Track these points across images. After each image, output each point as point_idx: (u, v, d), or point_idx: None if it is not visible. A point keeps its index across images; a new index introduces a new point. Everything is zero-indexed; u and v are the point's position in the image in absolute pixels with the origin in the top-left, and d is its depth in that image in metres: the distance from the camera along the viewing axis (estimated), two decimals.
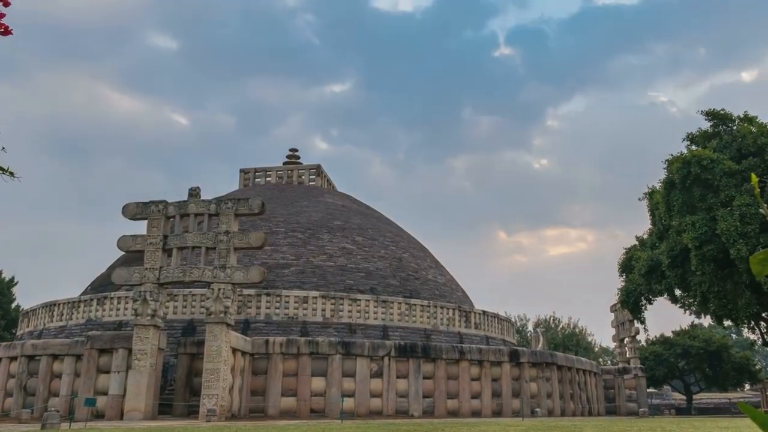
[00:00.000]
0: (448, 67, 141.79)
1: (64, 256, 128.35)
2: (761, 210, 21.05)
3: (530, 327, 69.98)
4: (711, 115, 26.02)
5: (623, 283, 30.07)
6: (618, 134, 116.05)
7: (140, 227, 21.59)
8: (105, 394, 20.36)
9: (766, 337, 29.02)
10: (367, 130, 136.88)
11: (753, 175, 1.79)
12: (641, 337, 42.44)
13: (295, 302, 28.07)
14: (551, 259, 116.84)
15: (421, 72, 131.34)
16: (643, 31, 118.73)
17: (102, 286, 32.11)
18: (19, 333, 34.61)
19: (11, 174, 2.42)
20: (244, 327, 26.60)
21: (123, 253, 25.46)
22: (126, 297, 27.68)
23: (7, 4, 2.30)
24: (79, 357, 21.59)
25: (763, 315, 27.13)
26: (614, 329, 38.81)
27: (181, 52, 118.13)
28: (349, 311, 28.73)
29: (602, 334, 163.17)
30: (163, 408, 21.22)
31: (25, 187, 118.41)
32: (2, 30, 2.29)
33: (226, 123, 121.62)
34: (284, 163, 43.91)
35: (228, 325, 19.90)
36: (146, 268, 20.66)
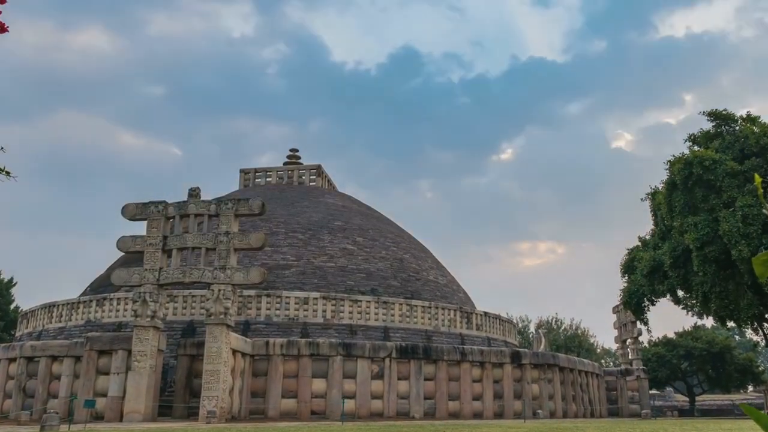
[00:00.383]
0: (404, 109, 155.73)
1: (63, 256, 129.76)
2: (764, 211, 20.93)
3: (532, 328, 69.83)
4: (713, 115, 25.91)
5: (625, 284, 29.91)
6: (564, 161, 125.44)
7: (140, 228, 21.54)
8: (104, 395, 20.28)
9: None
10: (341, 158, 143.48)
11: (756, 176, 1.78)
12: (644, 339, 42.31)
13: (295, 303, 27.97)
14: (526, 269, 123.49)
15: (379, 114, 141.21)
16: (570, 80, 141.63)
17: (101, 287, 32.03)
18: (18, 334, 34.55)
19: (7, 173, 2.42)
20: (245, 328, 26.51)
21: (122, 254, 25.39)
22: (125, 298, 27.59)
23: (3, 2, 2.35)
24: (78, 358, 21.51)
25: (766, 316, 26.97)
26: (616, 330, 38.66)
27: (168, 96, 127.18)
28: (350, 312, 28.63)
29: (604, 335, 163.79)
30: (163, 410, 21.12)
31: (26, 202, 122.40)
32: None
33: (212, 151, 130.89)
34: (284, 164, 43.80)
35: (228, 326, 19.81)
36: (146, 269, 20.58)
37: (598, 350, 73.51)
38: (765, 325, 28.58)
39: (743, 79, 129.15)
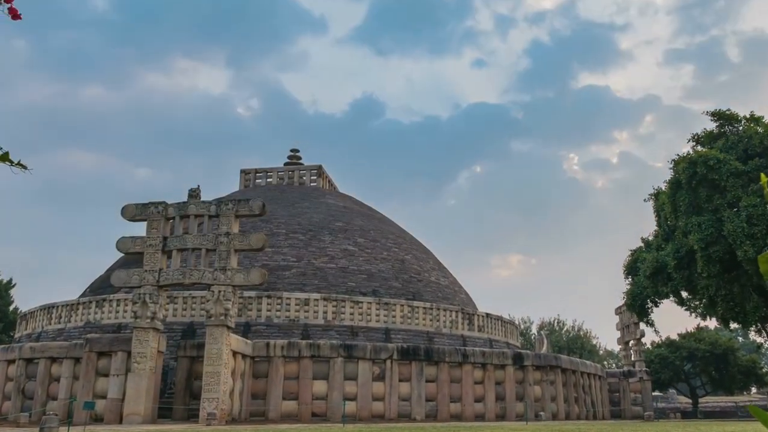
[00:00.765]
0: (367, 146, 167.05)
1: (63, 257, 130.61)
2: None
3: (534, 330, 69.63)
4: (717, 115, 25.73)
5: (628, 286, 29.73)
6: (520, 185, 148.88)
7: (140, 229, 21.41)
8: (104, 397, 20.15)
9: None
10: None
11: (762, 176, 1.75)
12: (647, 340, 42.09)
13: (296, 305, 27.82)
14: (502, 279, 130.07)
15: (344, 150, 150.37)
16: (512, 122, 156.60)
17: (101, 288, 31.90)
18: (17, 336, 34.42)
19: (23, 167, 2.45)
20: (245, 329, 26.37)
21: (122, 254, 25.26)
22: (125, 299, 27.45)
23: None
24: (77, 360, 21.38)
25: None
26: (619, 332, 38.47)
27: (151, 132, 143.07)
28: (351, 314, 28.47)
29: (607, 336, 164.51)
30: (163, 411, 21.00)
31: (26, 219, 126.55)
32: (12, 14, 2.45)
33: (197, 177, 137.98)
34: (285, 164, 43.65)
35: (228, 327, 19.68)
36: (146, 270, 20.45)
37: (601, 352, 73.26)
38: None
39: (663, 121, 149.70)
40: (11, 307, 49.02)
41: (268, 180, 42.21)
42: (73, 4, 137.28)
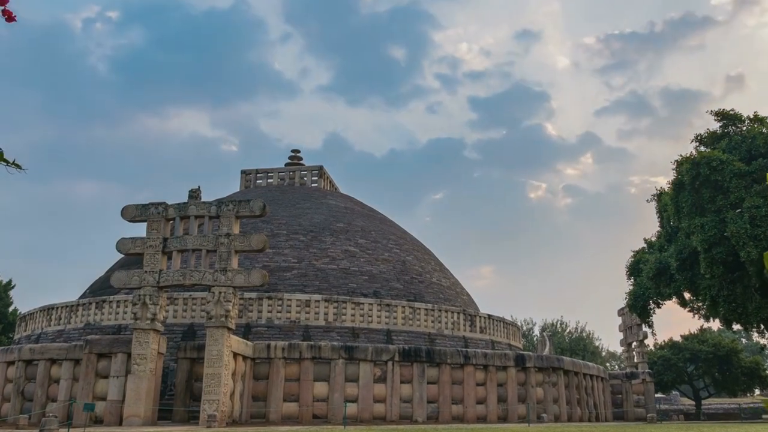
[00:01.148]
0: (339, 177, 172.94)
1: (62, 258, 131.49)
2: None
3: (537, 331, 69.47)
4: (720, 115, 25.60)
5: (631, 287, 29.60)
6: (486, 208, 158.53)
7: (140, 230, 21.33)
8: (104, 399, 20.06)
9: None
10: None
11: (767, 176, 1.60)
12: (649, 342, 41.91)
13: (297, 306, 27.72)
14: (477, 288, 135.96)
15: None
16: (468, 156, 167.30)
17: (101, 289, 31.83)
18: (16, 337, 34.36)
19: (18, 166, 2.43)
20: (245, 331, 26.27)
21: (122, 256, 25.19)
22: (125, 300, 27.36)
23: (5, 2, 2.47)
24: (77, 361, 21.28)
25: None
26: (622, 333, 38.32)
27: (150, 165, 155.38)
28: (352, 315, 28.36)
29: (610, 338, 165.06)
30: (163, 413, 20.90)
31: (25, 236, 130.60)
32: (6, 16, 2.44)
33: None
34: (286, 165, 43.55)
35: (229, 329, 19.58)
36: (146, 271, 20.36)
37: (603, 353, 73.03)
38: None
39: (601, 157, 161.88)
40: (11, 309, 48.99)
41: (269, 180, 42.12)
42: (79, 69, 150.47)
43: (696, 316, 30.15)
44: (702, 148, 25.49)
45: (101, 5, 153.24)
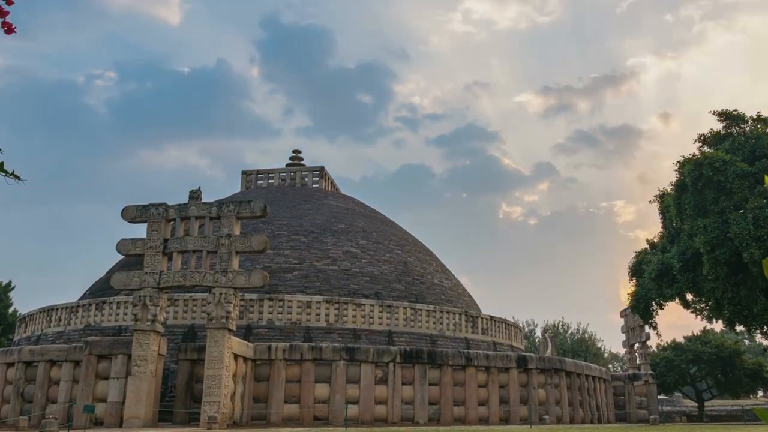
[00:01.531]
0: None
1: (62, 259, 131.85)
2: None
3: (538, 333, 69.30)
4: (723, 115, 25.46)
5: (633, 288, 29.45)
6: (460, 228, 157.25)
7: (140, 230, 21.26)
8: (104, 400, 19.99)
9: None
10: None
11: (767, 178, 1.74)
12: (652, 343, 41.79)
13: (298, 307, 27.63)
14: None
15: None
16: (432, 184, 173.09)
17: (101, 290, 31.75)
18: (16, 338, 34.30)
19: (17, 177, 2.43)
20: (246, 332, 26.18)
21: (122, 257, 25.12)
22: (125, 302, 27.28)
23: (10, 2, 2.47)
24: (77, 363, 21.21)
25: None
26: (624, 335, 38.18)
27: (148, 191, 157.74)
28: (354, 316, 28.26)
29: (612, 339, 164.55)
30: (164, 415, 20.81)
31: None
32: (6, 28, 2.46)
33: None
34: (287, 165, 43.48)
35: (229, 330, 19.51)
36: (146, 273, 20.28)
37: (606, 355, 72.82)
38: None
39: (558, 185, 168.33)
40: (10, 310, 48.92)
41: (270, 181, 42.04)
42: (83, 113, 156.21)
43: (699, 317, 29.96)
44: (705, 149, 25.37)
45: (102, 67, 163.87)
